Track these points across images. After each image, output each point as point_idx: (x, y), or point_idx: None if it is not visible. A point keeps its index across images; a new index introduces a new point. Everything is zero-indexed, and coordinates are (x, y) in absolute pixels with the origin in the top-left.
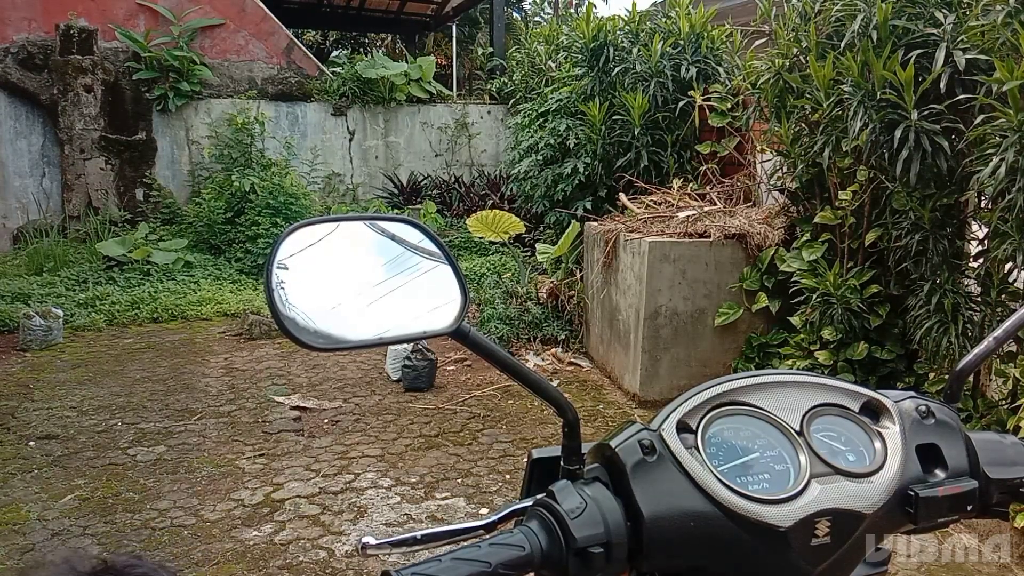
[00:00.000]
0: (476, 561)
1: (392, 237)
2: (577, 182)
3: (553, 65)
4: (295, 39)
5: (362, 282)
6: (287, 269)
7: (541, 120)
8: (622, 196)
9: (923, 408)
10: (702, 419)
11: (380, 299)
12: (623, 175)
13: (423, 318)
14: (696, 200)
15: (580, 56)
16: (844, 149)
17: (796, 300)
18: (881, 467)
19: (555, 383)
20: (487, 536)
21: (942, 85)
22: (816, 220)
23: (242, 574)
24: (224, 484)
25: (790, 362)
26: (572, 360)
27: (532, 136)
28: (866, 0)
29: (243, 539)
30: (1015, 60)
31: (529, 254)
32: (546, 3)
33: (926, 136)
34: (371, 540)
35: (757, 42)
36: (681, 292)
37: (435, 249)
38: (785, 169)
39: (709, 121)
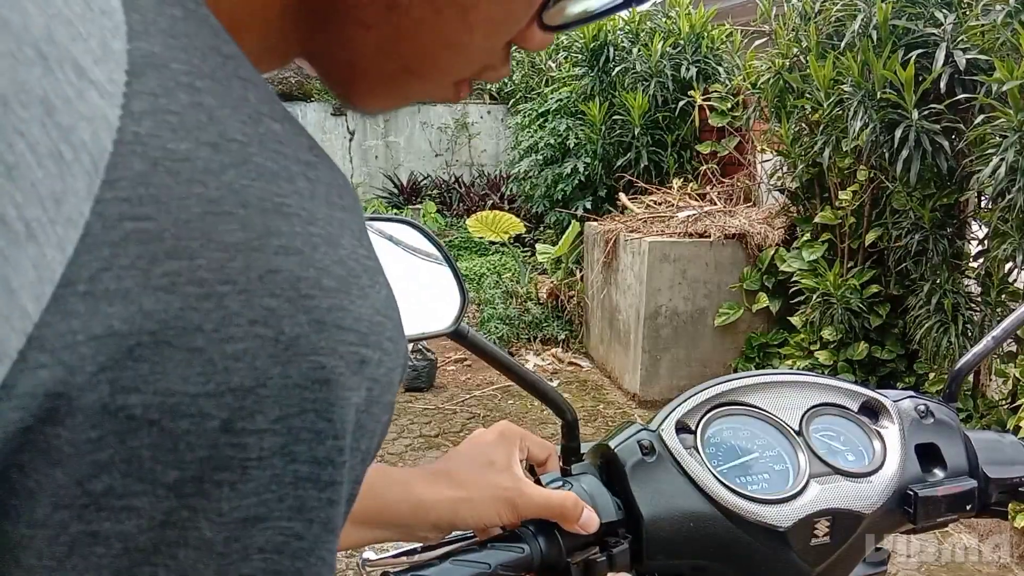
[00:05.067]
0: (476, 563)
1: (390, 238)
2: (577, 182)
3: (553, 65)
4: None
5: None
6: None
7: (541, 120)
8: (622, 196)
9: (922, 407)
10: (701, 419)
11: None
12: (623, 175)
13: (421, 318)
14: (696, 200)
15: (580, 56)
16: (844, 149)
17: (796, 300)
18: (880, 467)
19: (555, 383)
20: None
21: (942, 85)
22: (816, 220)
23: None
24: None
25: (790, 362)
26: (572, 360)
27: (532, 136)
28: (866, 0)
29: None
30: (1015, 60)
31: (529, 254)
32: None
33: (926, 136)
34: (371, 555)
35: (757, 42)
36: (681, 292)
37: (433, 249)
38: (785, 169)
39: (709, 121)
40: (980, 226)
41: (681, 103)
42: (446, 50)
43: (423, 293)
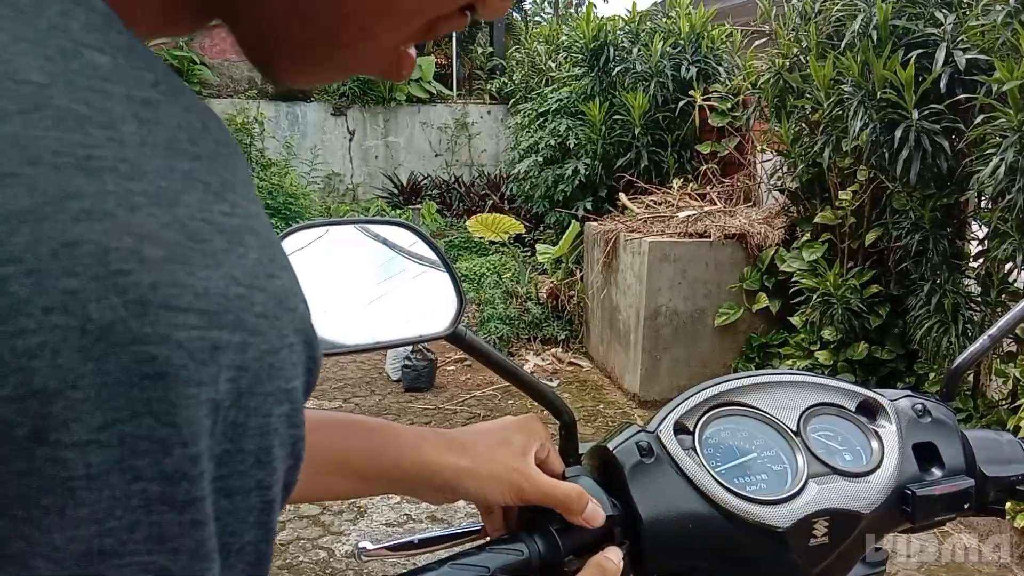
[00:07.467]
0: (474, 566)
1: (386, 240)
2: (577, 182)
3: (553, 65)
4: None
5: (357, 286)
6: None
7: (541, 120)
8: (622, 196)
9: (919, 407)
10: (699, 420)
11: (375, 302)
12: (623, 175)
13: (419, 321)
14: (696, 200)
15: (580, 56)
16: (844, 149)
17: (796, 300)
18: (878, 466)
19: (555, 383)
20: (485, 539)
21: (942, 85)
22: (816, 220)
23: None
24: None
25: (790, 362)
26: (572, 360)
27: (532, 136)
28: (866, 0)
29: None
30: (1015, 60)
31: (529, 254)
32: (546, 3)
33: (926, 136)
34: (368, 545)
35: (757, 42)
36: (681, 292)
37: (430, 252)
38: (785, 169)
39: (709, 121)
40: (980, 226)
41: (681, 103)
42: (371, 14)
43: (420, 296)
